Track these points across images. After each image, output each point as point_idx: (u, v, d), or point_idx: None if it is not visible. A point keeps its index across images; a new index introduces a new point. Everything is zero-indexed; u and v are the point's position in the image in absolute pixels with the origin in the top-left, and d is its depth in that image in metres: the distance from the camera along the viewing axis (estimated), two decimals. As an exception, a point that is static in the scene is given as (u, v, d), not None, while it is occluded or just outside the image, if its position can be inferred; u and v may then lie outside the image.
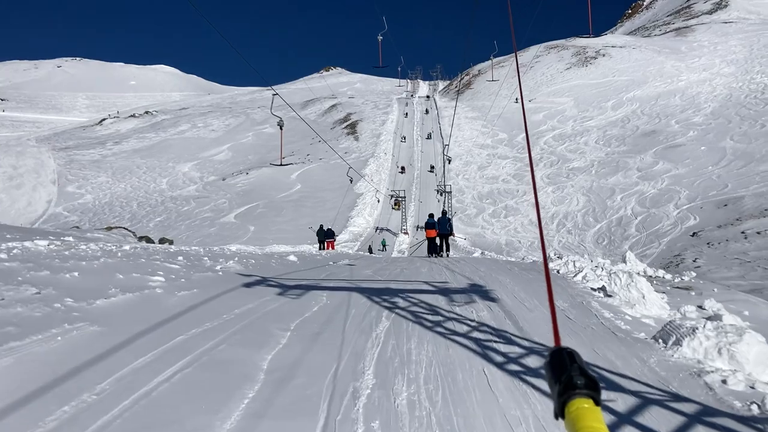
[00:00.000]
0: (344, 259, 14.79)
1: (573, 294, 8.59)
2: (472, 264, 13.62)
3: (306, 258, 14.00)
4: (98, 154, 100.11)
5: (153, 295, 6.44)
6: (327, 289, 7.85)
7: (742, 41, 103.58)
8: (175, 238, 54.53)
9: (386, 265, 13.66)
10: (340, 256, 16.79)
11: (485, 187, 68.72)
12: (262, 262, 11.13)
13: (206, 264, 9.34)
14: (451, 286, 8.56)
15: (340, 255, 17.26)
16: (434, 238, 21.53)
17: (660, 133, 72.22)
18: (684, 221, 47.85)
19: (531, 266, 13.77)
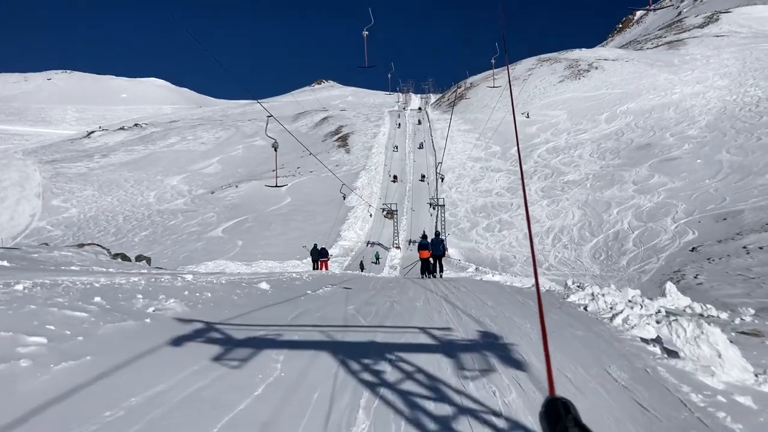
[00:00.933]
0: (327, 284, 13.28)
1: (623, 350, 6.27)
2: (475, 293, 12.02)
3: (282, 284, 11.98)
4: (85, 167, 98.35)
5: (8, 375, 3.96)
6: (287, 346, 5.60)
7: (735, 54, 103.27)
8: (160, 254, 53.06)
9: (374, 294, 11.94)
10: (324, 279, 15.14)
11: (479, 200, 67.49)
12: (220, 295, 8.65)
13: (135, 305, 6.74)
14: (457, 337, 6.55)
15: (325, 278, 15.68)
16: (428, 259, 21.56)
17: (655, 146, 71.32)
18: (682, 236, 46.69)
19: (548, 299, 11.91)
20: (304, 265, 41.36)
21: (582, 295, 11.09)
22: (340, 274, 20.04)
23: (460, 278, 24.08)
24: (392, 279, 18.44)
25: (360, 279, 17.00)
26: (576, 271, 45.24)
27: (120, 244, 58.66)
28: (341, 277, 17.69)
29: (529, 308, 9.55)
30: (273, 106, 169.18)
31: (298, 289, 11.22)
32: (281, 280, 12.51)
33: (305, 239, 55.64)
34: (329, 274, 18.03)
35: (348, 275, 19.70)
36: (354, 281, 15.38)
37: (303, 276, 14.98)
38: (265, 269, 38.42)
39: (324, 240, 55.06)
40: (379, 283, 15.11)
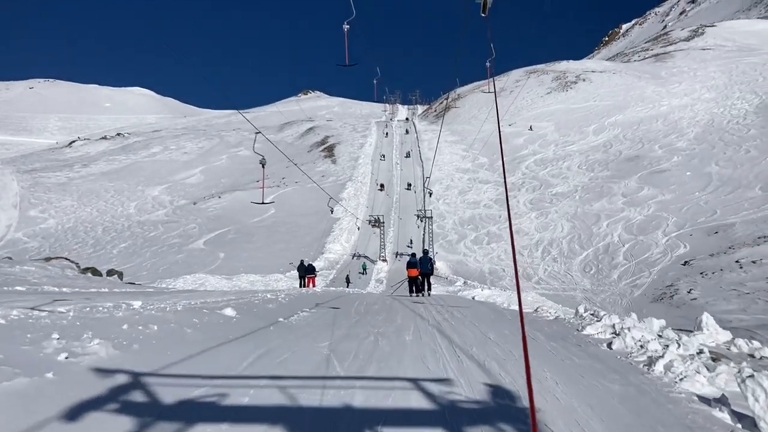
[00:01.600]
0: (304, 308, 11.83)
1: (682, 417, 4.77)
2: (472, 321, 10.73)
3: (251, 309, 10.28)
4: (65, 176, 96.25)
5: None
6: (229, 417, 3.99)
7: (721, 67, 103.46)
8: (140, 266, 51.45)
9: (356, 321, 10.40)
10: (303, 300, 13.65)
11: (466, 212, 66.41)
12: (170, 328, 6.72)
13: (43, 350, 4.78)
14: (460, 396, 4.95)
15: (304, 298, 14.23)
16: (416, 277, 21.66)
17: (643, 158, 70.75)
18: (674, 249, 45.85)
19: (559, 331, 10.08)
20: (287, 279, 39.97)
21: (601, 327, 9.65)
22: (322, 292, 18.59)
23: (449, 296, 22.86)
24: (378, 298, 17.00)
25: (342, 299, 15.64)
26: (566, 285, 44.21)
27: (98, 256, 56.96)
28: (322, 296, 16.32)
29: (540, 344, 8.15)
30: (258, 117, 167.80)
31: (269, 315, 9.86)
32: (252, 302, 10.88)
33: (289, 252, 54.25)
34: (310, 293, 16.58)
35: (331, 293, 18.25)
36: (336, 302, 14.03)
37: (279, 297, 13.39)
38: (245, 283, 36.98)
39: (308, 253, 53.72)
40: (363, 305, 13.71)
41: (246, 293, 14.73)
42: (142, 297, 9.61)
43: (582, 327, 10.08)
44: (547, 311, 13.56)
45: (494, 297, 38.02)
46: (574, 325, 10.76)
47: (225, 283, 36.09)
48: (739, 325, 28.05)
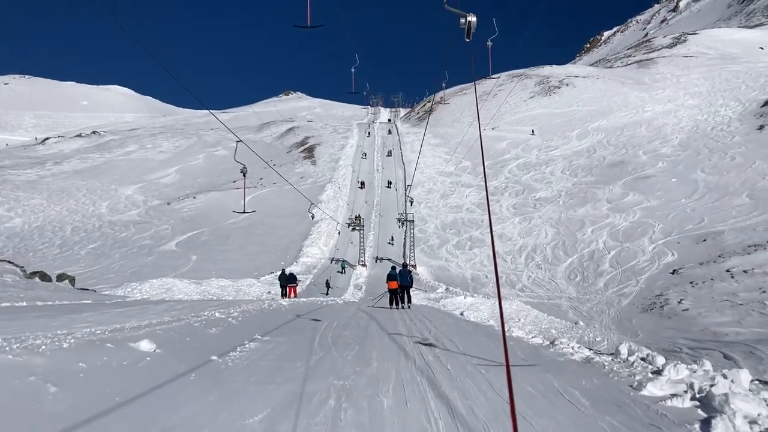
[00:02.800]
0: (257, 332, 9.56)
1: None
2: (473, 357, 8.75)
3: (183, 337, 7.86)
4: (35, 174, 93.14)
5: None
6: None
7: (704, 74, 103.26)
8: (107, 268, 49.27)
9: (316, 362, 7.92)
10: (260, 320, 11.54)
11: (449, 216, 64.85)
12: (27, 383, 4.46)
13: None
14: None
15: (262, 317, 11.99)
16: (396, 290, 21.99)
17: (628, 164, 69.76)
18: (661, 257, 44.64)
19: (605, 388, 7.19)
20: (260, 285, 38.11)
21: (668, 384, 6.66)
22: (289, 305, 16.52)
23: (433, 310, 21.35)
24: (353, 315, 14.78)
25: (308, 318, 13.62)
26: (551, 292, 42.77)
27: (64, 258, 54.58)
28: (288, 310, 14.37)
29: (590, 420, 5.49)
30: (237, 116, 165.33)
31: (202, 349, 7.41)
32: (189, 326, 8.85)
33: (265, 255, 52.38)
34: (273, 308, 14.48)
35: (299, 307, 16.19)
36: (298, 324, 12.00)
37: (231, 314, 11.16)
38: (215, 288, 35.01)
39: (285, 256, 51.88)
40: (333, 329, 11.57)
41: (195, 306, 12.67)
42: (48, 317, 7.63)
43: (639, 383, 6.98)
44: (569, 346, 10.76)
45: (478, 305, 36.47)
46: (623, 376, 7.62)
47: (193, 288, 34.09)
48: (736, 339, 26.69)
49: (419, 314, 17.77)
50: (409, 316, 16.14)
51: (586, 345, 30.49)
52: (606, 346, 29.75)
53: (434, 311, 21.14)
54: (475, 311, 34.65)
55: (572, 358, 9.82)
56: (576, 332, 32.22)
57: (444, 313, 21.15)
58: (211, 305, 13.34)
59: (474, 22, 8.78)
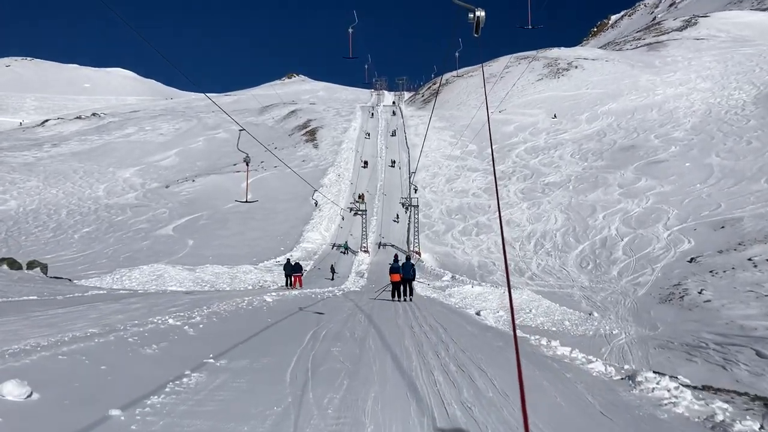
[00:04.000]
0: (232, 344, 7.68)
1: None
2: (500, 365, 6.98)
3: (96, 364, 5.72)
4: (32, 156, 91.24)
5: None
6: None
7: (716, 57, 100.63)
8: (100, 253, 47.58)
9: (303, 387, 6.14)
10: (241, 321, 9.77)
11: (454, 201, 62.91)
12: None
13: None
14: None
15: (244, 318, 10.01)
16: (399, 282, 22.01)
17: (639, 148, 67.65)
18: (677, 244, 42.71)
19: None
20: (257, 272, 36.35)
21: None
22: (273, 303, 13.75)
23: (442, 307, 19.09)
24: (348, 318, 12.52)
25: (293, 320, 11.53)
26: (562, 281, 40.91)
27: (57, 242, 52.87)
28: (270, 310, 12.35)
29: None
30: (239, 100, 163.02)
31: (102, 394, 4.98)
32: (118, 344, 6.52)
33: (264, 240, 50.65)
34: (255, 307, 12.23)
35: (288, 305, 14.11)
36: (271, 339, 9.20)
37: (193, 318, 8.80)
38: (210, 275, 33.25)
39: (285, 242, 50.11)
40: (318, 342, 9.08)
41: (155, 306, 10.52)
42: None
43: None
44: (660, 385, 7.60)
45: (486, 295, 34.66)
46: (698, 418, 6.16)
47: (186, 275, 32.37)
48: (766, 335, 24.85)
49: (428, 314, 15.60)
50: (417, 320, 13.56)
51: (605, 338, 28.76)
52: (622, 340, 28.00)
53: (446, 311, 18.42)
54: (484, 301, 32.95)
55: (676, 410, 6.77)
56: (591, 324, 30.41)
57: (457, 313, 18.70)
58: (179, 303, 11.34)
59: (483, 17, 8.77)
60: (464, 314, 18.68)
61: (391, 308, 16.97)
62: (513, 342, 10.78)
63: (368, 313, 13.86)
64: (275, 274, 36.48)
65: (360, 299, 19.34)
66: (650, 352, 24.68)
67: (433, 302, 23.20)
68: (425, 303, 21.52)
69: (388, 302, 19.85)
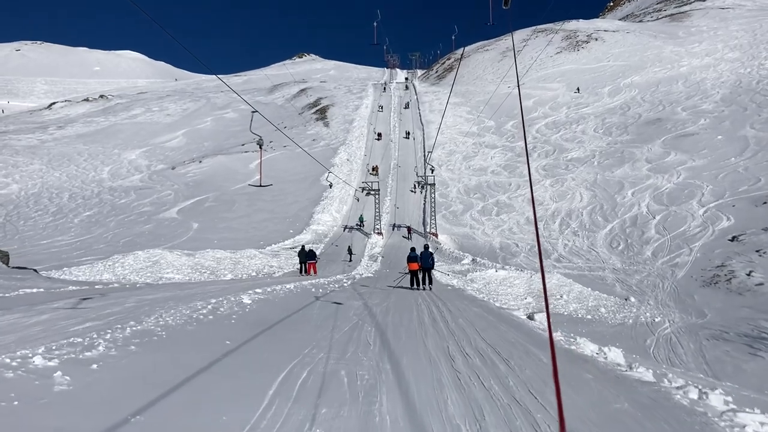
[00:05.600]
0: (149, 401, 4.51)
1: None
2: None
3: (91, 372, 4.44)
4: (36, 139, 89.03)
5: None
6: None
7: (744, 26, 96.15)
8: (99, 238, 45.19)
9: None
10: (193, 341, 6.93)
11: (472, 179, 59.83)
12: None
13: None
14: None
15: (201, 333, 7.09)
16: (417, 271, 21.75)
17: (667, 121, 64.05)
18: (715, 222, 39.49)
19: None
20: (262, 257, 33.65)
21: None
22: (255, 304, 10.52)
23: (483, 314, 13.52)
24: (351, 333, 8.86)
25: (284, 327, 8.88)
26: (591, 263, 37.90)
27: (56, 226, 50.54)
28: (252, 314, 9.45)
29: None
30: (250, 80, 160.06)
31: None
32: None
33: (272, 223, 48.08)
34: (223, 314, 8.97)
35: (275, 308, 11.16)
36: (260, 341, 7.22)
37: (160, 319, 6.65)
38: (210, 260, 30.62)
39: (294, 224, 47.49)
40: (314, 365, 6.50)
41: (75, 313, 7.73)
42: None
43: None
44: None
45: (512, 280, 31.78)
46: None
47: (185, 261, 29.75)
48: (839, 323, 21.86)
49: (460, 315, 12.48)
50: (448, 328, 10.34)
51: (647, 327, 25.84)
52: (668, 329, 25.12)
53: (482, 313, 13.86)
54: (510, 287, 30.09)
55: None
56: (629, 311, 27.49)
57: (496, 315, 13.90)
58: (137, 310, 8.50)
59: None
60: (509, 318, 13.49)
61: (407, 312, 12.73)
62: (619, 378, 7.40)
63: (381, 327, 10.00)
64: (282, 259, 33.86)
65: (371, 296, 15.75)
66: (703, 344, 21.76)
67: (459, 295, 19.92)
68: (448, 293, 18.52)
69: (406, 294, 17.04)
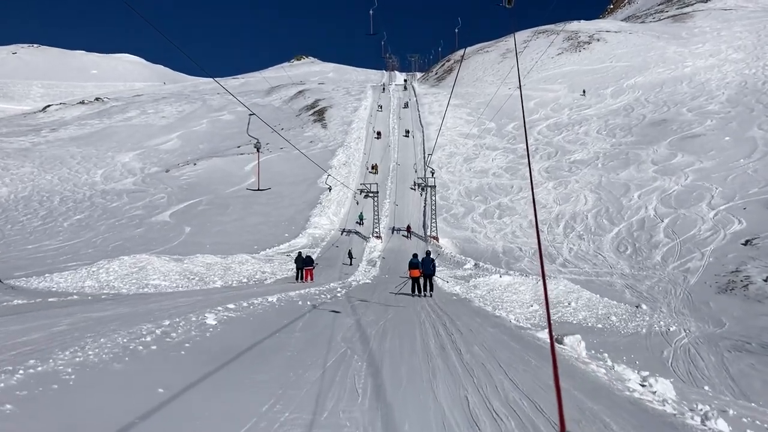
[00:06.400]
0: None
1: None
2: None
3: None
4: (29, 141, 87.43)
5: None
6: None
7: (747, 27, 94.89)
8: (88, 242, 43.66)
9: None
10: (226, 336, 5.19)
11: (473, 181, 58.34)
12: None
13: None
14: None
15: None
16: (418, 278, 21.47)
17: (672, 122, 62.63)
18: (726, 225, 38.03)
19: None
20: (255, 262, 32.14)
21: None
22: (220, 326, 8.44)
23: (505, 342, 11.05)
24: (348, 343, 8.44)
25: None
26: (599, 268, 36.42)
27: (44, 230, 48.97)
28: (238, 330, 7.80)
29: None
30: (247, 82, 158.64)
31: None
32: None
33: (267, 226, 46.57)
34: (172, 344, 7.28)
35: (245, 329, 9.58)
36: None
37: None
38: (200, 266, 29.10)
39: (290, 228, 46.00)
40: None
41: None
42: None
43: None
44: None
45: (517, 286, 30.27)
46: None
47: (173, 267, 28.24)
48: None
49: (473, 339, 10.56)
50: (462, 361, 8.19)
51: (662, 336, 24.32)
52: (685, 339, 23.60)
53: (499, 335, 11.75)
54: (515, 293, 28.58)
55: None
56: (642, 319, 25.97)
57: (517, 337, 11.77)
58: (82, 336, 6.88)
59: None
60: (533, 343, 11.05)
61: (414, 333, 10.98)
62: None
63: (374, 358, 8.16)
64: (275, 264, 32.37)
65: (366, 312, 13.59)
66: (725, 356, 20.25)
67: (467, 308, 18.11)
68: (456, 309, 16.39)
69: (407, 307, 15.46)
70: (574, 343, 10.68)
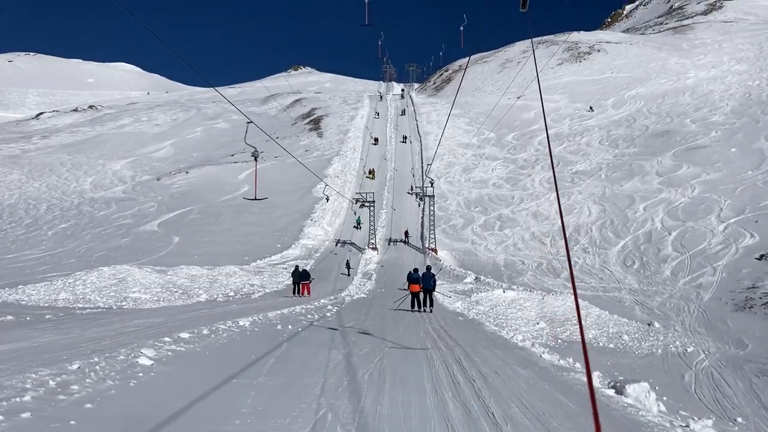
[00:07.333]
0: None
1: None
2: None
3: None
4: (19, 148, 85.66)
5: None
6: None
7: (749, 39, 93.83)
8: (71, 252, 41.85)
9: None
10: None
11: (473, 192, 56.75)
12: None
13: None
14: None
15: None
16: (418, 293, 21.03)
17: (676, 134, 61.26)
18: (738, 239, 36.45)
19: None
20: (242, 274, 30.36)
21: None
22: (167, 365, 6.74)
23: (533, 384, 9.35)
24: (330, 398, 6.43)
25: None
26: (605, 283, 34.72)
27: (26, 239, 47.16)
28: (178, 376, 6.32)
29: None
30: (244, 91, 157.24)
31: None
32: None
33: (259, 236, 44.88)
34: None
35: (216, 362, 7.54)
36: None
37: None
38: (184, 278, 27.32)
39: (282, 238, 44.29)
40: None
41: None
42: None
43: None
44: None
45: (522, 302, 28.53)
46: None
47: (155, 279, 26.47)
48: None
49: (507, 392, 8.16)
50: None
51: (680, 358, 22.62)
52: (705, 362, 21.91)
53: (538, 383, 9.64)
54: (520, 309, 26.85)
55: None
56: (655, 338, 24.26)
57: (563, 388, 9.51)
58: None
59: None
60: (608, 409, 8.54)
61: (422, 380, 8.42)
62: None
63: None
64: (265, 276, 30.60)
65: (358, 342, 10.98)
66: (753, 382, 18.55)
67: (480, 334, 16.26)
68: (468, 337, 14.04)
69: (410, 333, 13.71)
70: (641, 395, 8.26)
